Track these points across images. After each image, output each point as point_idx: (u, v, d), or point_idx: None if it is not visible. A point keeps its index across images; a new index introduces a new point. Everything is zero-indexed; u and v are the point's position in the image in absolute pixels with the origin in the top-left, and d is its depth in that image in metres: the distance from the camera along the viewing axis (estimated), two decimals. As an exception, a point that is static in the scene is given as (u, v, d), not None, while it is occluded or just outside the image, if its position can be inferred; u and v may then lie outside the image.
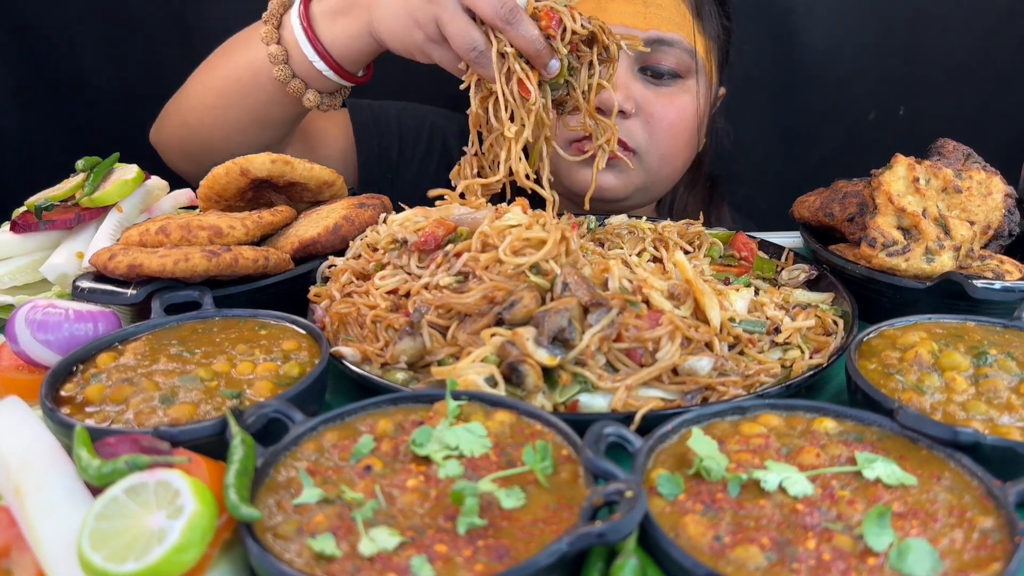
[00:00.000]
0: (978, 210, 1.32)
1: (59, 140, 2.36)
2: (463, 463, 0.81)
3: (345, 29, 1.57)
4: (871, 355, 1.06)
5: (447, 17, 1.36)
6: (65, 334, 1.05)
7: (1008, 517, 0.75)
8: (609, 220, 1.49)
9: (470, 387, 0.96)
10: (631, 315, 1.05)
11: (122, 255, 1.18)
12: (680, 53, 1.75)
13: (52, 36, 2.28)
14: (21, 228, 1.38)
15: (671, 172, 1.86)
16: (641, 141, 1.76)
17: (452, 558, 0.70)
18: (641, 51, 1.68)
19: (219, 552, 0.76)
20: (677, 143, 1.80)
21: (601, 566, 0.74)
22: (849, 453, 0.84)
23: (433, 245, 1.18)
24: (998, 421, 0.93)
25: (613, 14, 1.74)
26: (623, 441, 0.85)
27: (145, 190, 1.47)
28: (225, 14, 2.28)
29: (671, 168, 1.85)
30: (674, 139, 1.79)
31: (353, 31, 1.56)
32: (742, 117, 2.42)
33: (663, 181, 1.86)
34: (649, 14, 1.73)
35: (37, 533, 0.76)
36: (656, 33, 1.72)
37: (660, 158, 1.79)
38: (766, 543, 0.73)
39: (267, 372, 1.01)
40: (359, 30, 1.55)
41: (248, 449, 0.81)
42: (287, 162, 1.36)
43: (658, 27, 1.73)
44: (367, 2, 1.53)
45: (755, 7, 2.31)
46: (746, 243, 1.42)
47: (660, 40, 1.73)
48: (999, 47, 2.32)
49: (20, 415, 0.90)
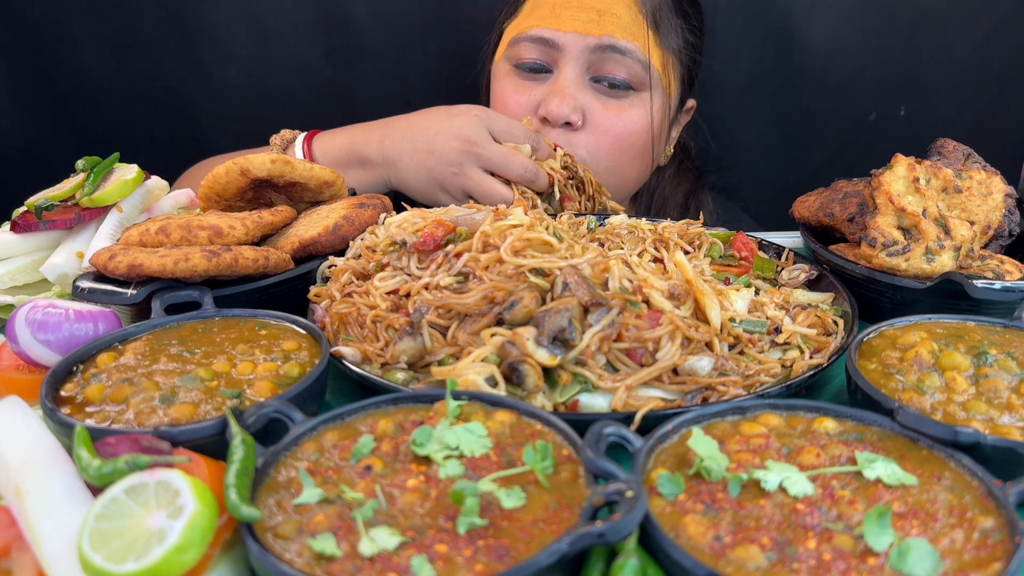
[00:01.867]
0: (978, 210, 1.32)
1: (59, 140, 2.36)
2: (463, 463, 0.81)
3: (360, 180, 1.66)
4: (871, 355, 1.06)
5: (473, 184, 1.55)
6: (65, 334, 1.05)
7: (1008, 517, 0.75)
8: (609, 220, 1.49)
9: (470, 387, 0.96)
10: (631, 315, 1.05)
11: (122, 255, 1.18)
12: (633, 64, 1.74)
13: (52, 36, 2.28)
14: (21, 228, 1.38)
15: (620, 183, 1.85)
16: (584, 154, 1.75)
17: (452, 558, 0.70)
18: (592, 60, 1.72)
19: (219, 552, 0.76)
20: (623, 156, 1.79)
21: (601, 566, 0.74)
22: (849, 453, 0.84)
23: (432, 245, 1.18)
24: (998, 421, 0.93)
25: (566, 21, 1.73)
26: (623, 441, 0.85)
27: (145, 190, 1.47)
28: (225, 14, 2.29)
29: (620, 179, 1.83)
30: (620, 152, 1.78)
31: (369, 181, 1.66)
32: (743, 117, 2.43)
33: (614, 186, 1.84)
34: (603, 21, 1.72)
35: (37, 533, 0.76)
36: (609, 39, 1.71)
37: (607, 165, 1.78)
38: (766, 543, 0.73)
39: (267, 372, 1.01)
40: (374, 181, 1.66)
41: (248, 449, 0.81)
42: (287, 162, 1.36)
43: (612, 34, 1.72)
44: (379, 161, 1.63)
45: (755, 7, 2.31)
46: (746, 243, 1.42)
47: (613, 47, 1.72)
48: (1000, 47, 2.32)
49: (20, 415, 0.90)
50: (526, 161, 1.57)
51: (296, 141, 1.70)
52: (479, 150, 1.56)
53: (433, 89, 2.39)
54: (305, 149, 1.68)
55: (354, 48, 2.35)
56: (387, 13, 2.31)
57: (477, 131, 1.57)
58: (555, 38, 1.73)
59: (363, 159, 1.65)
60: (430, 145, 1.58)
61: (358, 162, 1.66)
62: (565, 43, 1.72)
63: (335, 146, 1.68)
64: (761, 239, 1.47)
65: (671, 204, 2.01)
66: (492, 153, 1.56)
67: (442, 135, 1.58)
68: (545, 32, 1.74)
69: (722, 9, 2.23)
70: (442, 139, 1.58)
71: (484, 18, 2.11)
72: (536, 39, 1.75)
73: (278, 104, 2.38)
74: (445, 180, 1.57)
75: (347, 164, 1.66)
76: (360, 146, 1.66)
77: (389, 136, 1.64)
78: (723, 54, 2.21)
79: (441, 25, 2.33)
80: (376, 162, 1.64)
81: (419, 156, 1.58)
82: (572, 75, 1.73)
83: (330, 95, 2.39)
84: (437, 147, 1.57)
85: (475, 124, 1.58)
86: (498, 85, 1.84)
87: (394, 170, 1.62)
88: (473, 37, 2.09)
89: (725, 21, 2.24)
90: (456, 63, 2.29)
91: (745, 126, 2.45)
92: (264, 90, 2.37)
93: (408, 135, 1.62)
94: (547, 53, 1.76)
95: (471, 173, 1.56)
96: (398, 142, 1.62)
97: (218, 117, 2.37)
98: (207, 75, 2.35)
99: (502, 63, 1.84)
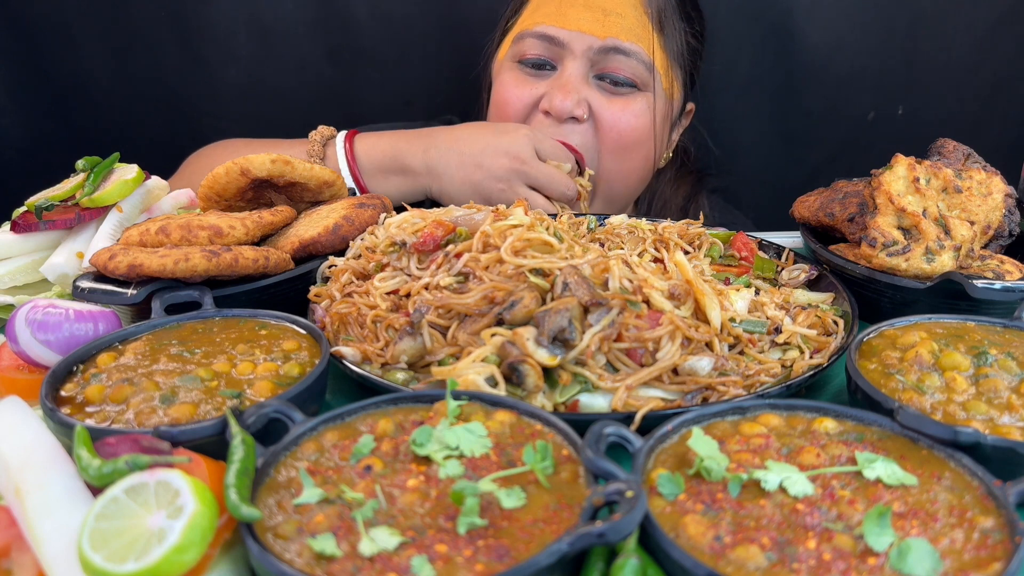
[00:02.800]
0: (978, 210, 1.32)
1: (59, 140, 2.36)
2: (463, 463, 0.81)
3: (399, 187, 1.69)
4: (871, 355, 1.06)
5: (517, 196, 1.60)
6: (65, 334, 1.05)
7: (1008, 517, 0.75)
8: (609, 220, 1.49)
9: (470, 387, 0.96)
10: (631, 315, 1.05)
11: (122, 255, 1.18)
12: (637, 64, 1.75)
13: (52, 36, 2.28)
14: (21, 228, 1.38)
15: (623, 184, 1.86)
16: (591, 146, 1.76)
17: (452, 558, 0.70)
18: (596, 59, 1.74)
19: (219, 552, 0.76)
20: (627, 152, 1.80)
21: (601, 566, 0.74)
22: (849, 453, 0.84)
23: (432, 246, 1.18)
24: (998, 421, 0.93)
25: (572, 19, 1.73)
26: (623, 441, 0.85)
27: (145, 190, 1.47)
28: (225, 14, 2.29)
29: (623, 179, 1.84)
30: (623, 148, 1.79)
31: (407, 190, 1.69)
32: (742, 117, 2.43)
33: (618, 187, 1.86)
34: (608, 22, 1.73)
35: (37, 533, 0.76)
36: (614, 41, 1.73)
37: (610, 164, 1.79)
38: (766, 543, 0.73)
39: (267, 372, 1.01)
40: (414, 190, 1.69)
41: (248, 449, 0.81)
42: (287, 162, 1.36)
43: (617, 35, 1.73)
44: (423, 171, 1.66)
45: (755, 7, 2.31)
46: (746, 243, 1.42)
47: (617, 48, 1.73)
48: (999, 47, 2.32)
49: (20, 415, 0.90)
50: (568, 181, 1.64)
51: (337, 139, 1.72)
52: (527, 168, 1.61)
53: (433, 89, 2.40)
54: (347, 148, 1.70)
55: (354, 48, 2.35)
56: (387, 13, 2.31)
57: (526, 149, 1.63)
58: (560, 36, 1.74)
59: (405, 167, 1.68)
60: (478, 160, 1.62)
61: (400, 170, 1.68)
62: (570, 41, 1.73)
63: (379, 151, 1.70)
64: (761, 239, 1.47)
65: (671, 207, 2.02)
66: (540, 172, 1.62)
67: (490, 150, 1.62)
68: (550, 29, 1.75)
69: (722, 9, 2.23)
70: (490, 154, 1.62)
71: (484, 18, 2.11)
72: (541, 36, 1.76)
73: (278, 104, 2.38)
74: (492, 195, 1.62)
75: (389, 170, 1.69)
76: (404, 154, 1.68)
77: (435, 147, 1.67)
78: (723, 54, 2.22)
79: (441, 25, 2.33)
80: (419, 172, 1.67)
81: (466, 169, 1.62)
82: (576, 71, 1.74)
83: (330, 95, 2.39)
84: (485, 162, 1.62)
85: (524, 143, 1.63)
86: (500, 79, 1.84)
87: (437, 181, 1.65)
88: (473, 37, 2.09)
89: (725, 21, 2.24)
90: (456, 63, 2.30)
91: (745, 126, 2.45)
92: (264, 90, 2.37)
93: (455, 147, 1.65)
94: (551, 50, 1.76)
95: (518, 189, 1.62)
96: (444, 153, 1.65)
97: (218, 117, 2.37)
98: (207, 75, 2.35)
99: (505, 60, 1.84)
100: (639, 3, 1.77)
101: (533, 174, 1.61)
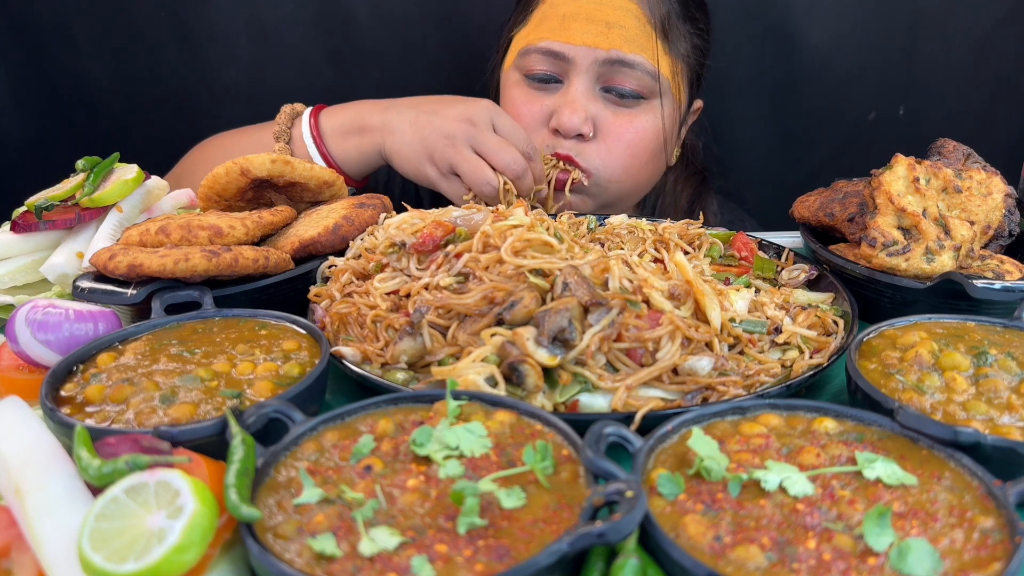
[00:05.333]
0: (978, 210, 1.32)
1: (59, 140, 2.36)
2: (463, 463, 0.81)
3: (358, 146, 1.72)
4: (871, 355, 1.06)
5: (461, 159, 1.59)
6: (65, 334, 1.05)
7: (1008, 517, 0.75)
8: (609, 220, 1.49)
9: (470, 387, 0.96)
10: (631, 315, 1.05)
11: (122, 255, 1.18)
12: (642, 75, 1.76)
13: (52, 36, 2.28)
14: (21, 228, 1.38)
15: (633, 186, 1.87)
16: (598, 163, 1.77)
17: (452, 558, 0.70)
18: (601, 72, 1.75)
19: (219, 552, 0.76)
20: (636, 162, 1.81)
21: (601, 566, 0.74)
22: (849, 453, 0.84)
23: (432, 246, 1.18)
24: (998, 421, 0.93)
25: (575, 34, 1.74)
26: (623, 441, 0.85)
27: (145, 190, 1.47)
28: (225, 14, 2.29)
29: (633, 182, 1.85)
30: (633, 158, 1.80)
31: (365, 149, 1.71)
32: (742, 117, 2.43)
33: (626, 196, 1.87)
34: (611, 35, 1.74)
35: (37, 533, 0.76)
36: (617, 53, 1.73)
37: (618, 178, 1.80)
38: (766, 543, 0.73)
39: (267, 372, 1.01)
40: (370, 149, 1.71)
41: (248, 449, 0.81)
42: (287, 162, 1.36)
43: (620, 48, 1.73)
44: (379, 127, 1.69)
45: (755, 7, 2.31)
46: (746, 243, 1.42)
47: (621, 61, 1.74)
48: (999, 48, 2.32)
49: (20, 415, 0.90)
50: (517, 155, 1.61)
51: (303, 115, 1.76)
52: (476, 133, 1.61)
53: (434, 90, 2.39)
54: (312, 123, 1.74)
55: (354, 48, 2.35)
56: (387, 13, 2.31)
57: (481, 116, 1.63)
58: (564, 51, 1.75)
59: (364, 126, 1.71)
60: (432, 117, 1.64)
61: (359, 129, 1.71)
62: (574, 56, 1.74)
63: (342, 115, 1.74)
64: (761, 239, 1.47)
65: (676, 208, 2.02)
66: (488, 138, 1.60)
67: (447, 110, 1.64)
68: (555, 45, 1.76)
69: (721, 9, 2.22)
70: (445, 114, 1.64)
71: (485, 19, 2.11)
72: (546, 51, 1.77)
73: (278, 104, 2.37)
74: (435, 149, 1.61)
75: (348, 132, 1.72)
76: (366, 115, 1.72)
77: (396, 107, 1.70)
78: (722, 54, 2.21)
79: (441, 25, 2.33)
80: (375, 127, 1.69)
81: (418, 125, 1.64)
82: (582, 86, 1.75)
83: (330, 95, 2.38)
84: (437, 120, 1.63)
85: (481, 111, 1.64)
86: (508, 94, 1.85)
87: (391, 136, 1.67)
88: (473, 38, 2.09)
89: (724, 21, 2.24)
90: (456, 64, 2.29)
91: (745, 126, 2.45)
92: (264, 90, 2.37)
93: (416, 107, 1.68)
94: (557, 65, 1.78)
95: (463, 150, 1.60)
96: (404, 111, 1.68)
97: (218, 117, 2.36)
98: (207, 75, 2.35)
99: (512, 71, 1.85)
100: (641, 13, 1.77)
101: (481, 139, 1.60)
